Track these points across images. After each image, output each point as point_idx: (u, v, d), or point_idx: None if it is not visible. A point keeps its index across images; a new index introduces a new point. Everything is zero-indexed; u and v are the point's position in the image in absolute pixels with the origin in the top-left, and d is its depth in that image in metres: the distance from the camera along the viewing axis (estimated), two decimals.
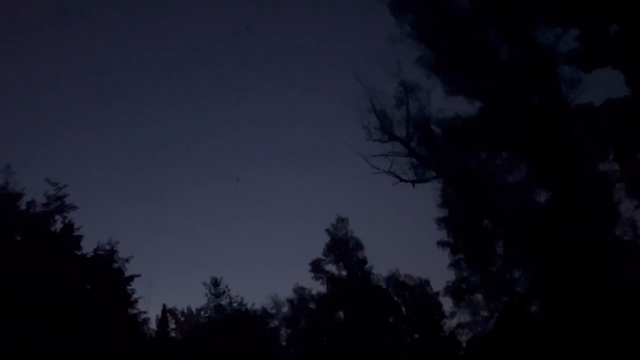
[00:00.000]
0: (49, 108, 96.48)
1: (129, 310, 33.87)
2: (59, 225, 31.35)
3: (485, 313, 38.65)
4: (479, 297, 38.28)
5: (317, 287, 50.20)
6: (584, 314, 22.14)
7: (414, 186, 26.81)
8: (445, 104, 26.22)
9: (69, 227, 31.73)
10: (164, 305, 45.89)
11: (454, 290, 38.63)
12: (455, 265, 33.65)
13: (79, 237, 32.10)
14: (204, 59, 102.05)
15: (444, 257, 36.62)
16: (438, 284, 53.36)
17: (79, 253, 32.07)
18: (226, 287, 47.86)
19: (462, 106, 25.94)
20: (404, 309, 49.85)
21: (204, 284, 48.04)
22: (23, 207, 30.35)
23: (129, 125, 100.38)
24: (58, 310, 27.19)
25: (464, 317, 44.18)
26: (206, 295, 48.02)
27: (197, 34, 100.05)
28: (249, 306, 47.26)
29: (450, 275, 40.48)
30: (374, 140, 26.77)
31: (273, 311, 50.51)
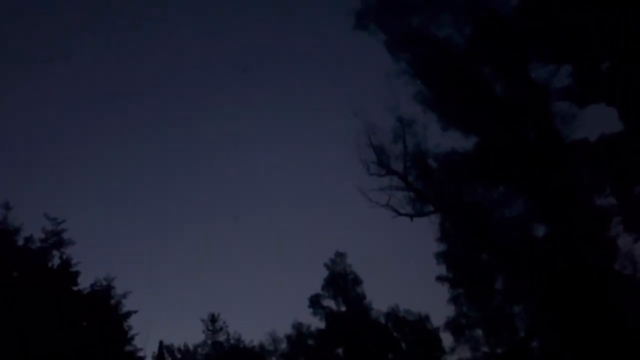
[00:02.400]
0: (48, 143, 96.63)
1: (126, 347, 33.47)
2: (56, 261, 31.24)
3: (485, 349, 38.20)
4: (479, 332, 37.95)
5: (316, 323, 49.53)
6: (585, 348, 21.97)
7: (412, 220, 26.96)
8: (442, 139, 26.64)
9: (66, 263, 31.59)
10: (161, 342, 45.15)
11: (453, 326, 38.23)
12: (454, 300, 33.33)
13: (76, 273, 31.92)
14: (202, 100, 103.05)
15: (444, 291, 36.42)
16: (438, 319, 52.69)
17: (75, 289, 31.87)
18: (224, 323, 47.32)
19: (458, 141, 26.34)
20: (403, 345, 49.17)
21: (202, 320, 47.52)
22: (21, 242, 30.29)
23: (127, 162, 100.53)
24: (54, 348, 26.89)
25: (464, 352, 43.45)
26: (203, 331, 47.42)
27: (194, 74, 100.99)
28: (246, 343, 46.65)
29: (450, 310, 40.18)
30: (372, 175, 27.01)
31: (271, 348, 49.69)
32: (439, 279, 35.31)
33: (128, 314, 33.34)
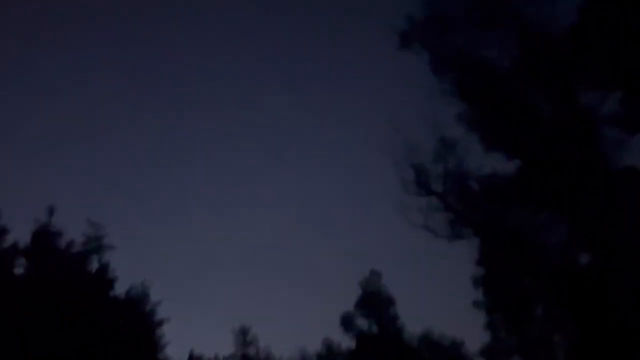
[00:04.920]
0: (93, 148, 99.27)
1: (158, 355, 33.80)
2: (95, 265, 31.93)
3: None
4: (516, 359, 36.97)
5: (347, 342, 49.21)
6: None
7: (450, 242, 26.52)
8: (484, 160, 26.21)
9: (104, 268, 32.26)
10: (191, 352, 45.61)
11: (489, 352, 37.44)
12: (491, 326, 32.68)
13: (113, 279, 32.55)
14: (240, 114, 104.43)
15: (479, 317, 35.72)
16: (473, 345, 51.69)
17: (112, 295, 32.44)
18: (254, 336, 47.51)
19: (501, 163, 25.89)
20: None
21: (233, 332, 47.79)
22: (63, 245, 31.09)
23: (170, 169, 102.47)
24: (89, 351, 27.32)
25: None
26: (234, 344, 47.68)
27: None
28: (276, 358, 46.66)
29: (486, 336, 39.35)
30: (410, 194, 26.75)
31: None
32: (476, 304, 34.69)
33: (161, 322, 33.80)
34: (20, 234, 30.69)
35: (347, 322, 48.47)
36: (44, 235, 31.71)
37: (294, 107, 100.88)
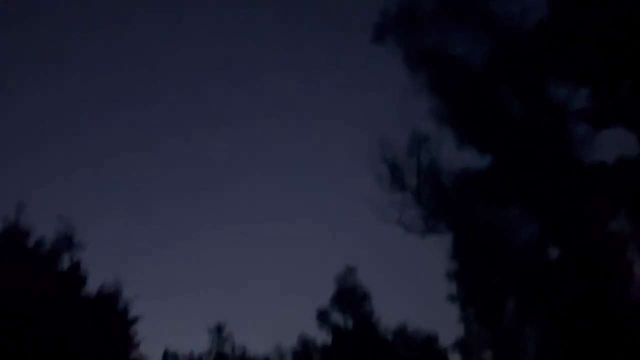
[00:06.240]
0: (62, 144, 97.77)
1: (132, 353, 33.43)
2: (66, 264, 31.41)
3: None
4: (489, 353, 37.39)
5: (323, 337, 49.29)
6: None
7: (423, 237, 26.67)
8: (457, 156, 26.38)
9: (75, 266, 31.76)
10: (166, 349, 45.30)
11: (462, 346, 37.86)
12: (464, 320, 33.00)
13: (85, 277, 32.07)
14: (218, 109, 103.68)
15: (454, 311, 36.02)
16: (447, 339, 52.19)
17: (84, 293, 31.97)
18: (230, 333, 47.31)
19: (473, 158, 26.09)
20: None
21: (208, 329, 47.48)
22: (33, 243, 30.50)
23: (141, 169, 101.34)
24: (60, 350, 26.91)
25: None
26: (209, 341, 47.40)
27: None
28: (252, 354, 46.51)
29: (460, 330, 39.71)
30: (384, 190, 26.82)
31: None
32: (450, 298, 34.97)
33: (135, 320, 33.40)
34: None
35: (322, 318, 48.52)
36: (13, 234, 31.03)
37: (265, 101, 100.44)
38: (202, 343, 50.01)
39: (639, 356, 21.71)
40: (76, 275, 32.22)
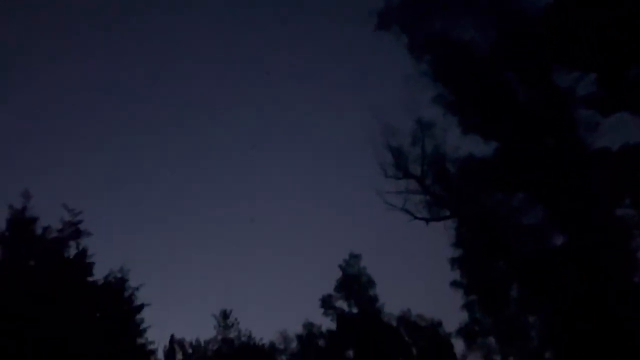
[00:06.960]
0: (70, 134, 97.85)
1: (138, 339, 33.65)
2: (73, 251, 31.51)
3: (497, 357, 37.80)
4: (492, 340, 37.55)
5: (327, 324, 49.55)
6: None
7: (427, 224, 26.74)
8: (461, 143, 26.38)
9: (82, 253, 31.85)
10: (172, 336, 45.58)
11: (466, 332, 37.99)
12: (468, 306, 33.04)
13: (91, 264, 32.16)
14: (220, 101, 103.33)
15: (457, 297, 36.10)
16: (450, 325, 52.38)
17: (90, 280, 32.11)
18: (235, 319, 47.55)
19: (478, 145, 26.05)
20: (414, 350, 48.89)
21: (214, 316, 47.75)
22: (39, 231, 30.60)
23: (147, 153, 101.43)
24: (67, 337, 27.12)
25: None
26: (215, 327, 47.68)
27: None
28: (257, 340, 46.82)
29: (463, 317, 39.87)
30: (389, 177, 26.86)
31: (281, 346, 49.83)
32: (453, 284, 35.06)
33: (141, 307, 33.51)
34: None
35: (327, 304, 48.77)
36: (20, 222, 31.14)
37: (271, 92, 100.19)
38: (208, 329, 50.41)
39: None
40: (82, 263, 32.32)
